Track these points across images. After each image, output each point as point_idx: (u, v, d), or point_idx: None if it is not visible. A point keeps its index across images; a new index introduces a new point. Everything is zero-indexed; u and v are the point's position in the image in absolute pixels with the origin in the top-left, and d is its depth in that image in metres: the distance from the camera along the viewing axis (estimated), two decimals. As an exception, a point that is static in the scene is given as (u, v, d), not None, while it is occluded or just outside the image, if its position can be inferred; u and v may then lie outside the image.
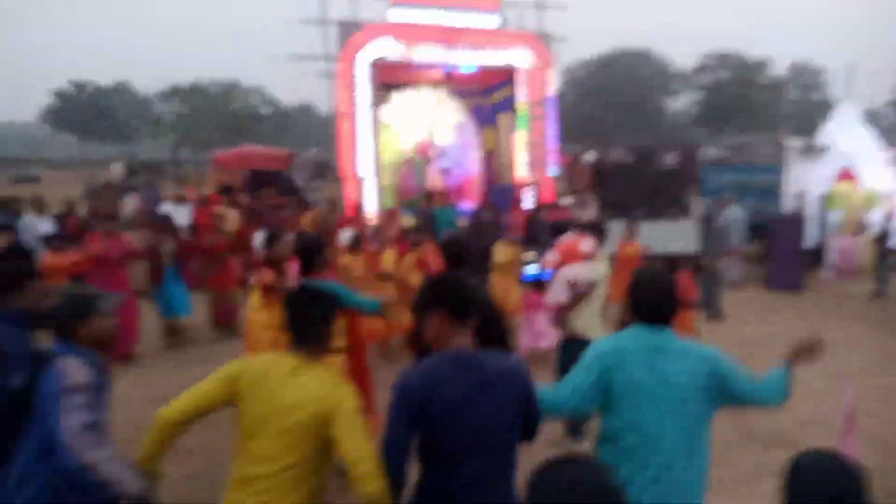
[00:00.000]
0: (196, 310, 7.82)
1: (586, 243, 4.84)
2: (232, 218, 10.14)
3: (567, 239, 5.33)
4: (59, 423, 2.09)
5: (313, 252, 3.74)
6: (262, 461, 2.14)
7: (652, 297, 2.32)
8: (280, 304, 2.41)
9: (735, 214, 10.62)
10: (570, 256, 4.98)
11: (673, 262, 11.34)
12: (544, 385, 2.31)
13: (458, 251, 3.64)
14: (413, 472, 2.06)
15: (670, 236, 11.00)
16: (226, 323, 7.73)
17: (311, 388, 2.17)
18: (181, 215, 10.11)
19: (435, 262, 7.01)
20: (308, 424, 2.13)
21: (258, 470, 2.14)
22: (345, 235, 6.96)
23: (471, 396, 1.99)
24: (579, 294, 4.49)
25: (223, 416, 2.44)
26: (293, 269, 3.73)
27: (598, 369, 2.28)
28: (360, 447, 2.07)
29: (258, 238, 5.20)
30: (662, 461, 2.18)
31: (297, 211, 10.85)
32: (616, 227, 8.85)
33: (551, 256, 5.37)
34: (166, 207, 11.14)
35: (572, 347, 3.99)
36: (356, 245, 6.83)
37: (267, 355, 2.36)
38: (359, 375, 4.03)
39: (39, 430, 2.17)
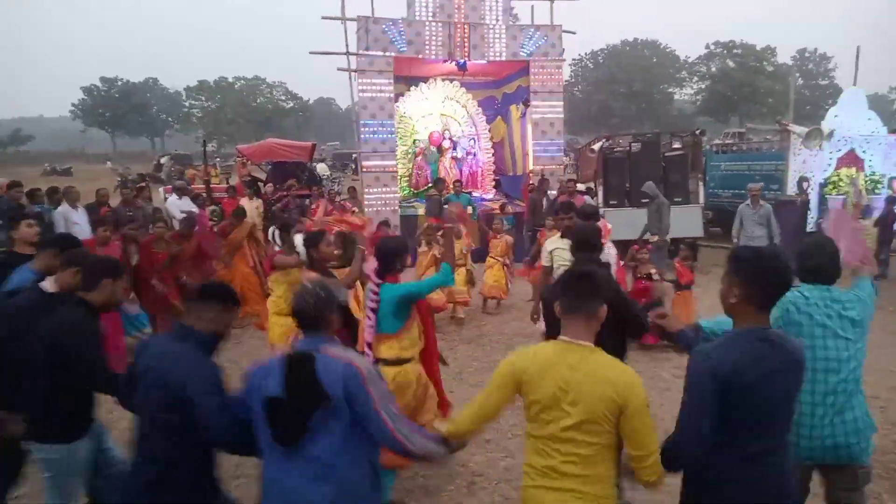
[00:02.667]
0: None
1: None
2: (254, 208, 10.73)
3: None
4: (373, 410, 2.21)
5: (395, 256, 3.79)
6: (559, 449, 2.17)
7: (825, 261, 2.93)
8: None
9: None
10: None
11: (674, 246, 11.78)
12: None
13: (588, 237, 3.79)
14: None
15: (677, 221, 11.39)
16: None
17: (603, 374, 2.15)
18: (183, 206, 10.32)
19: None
20: (604, 410, 2.11)
21: (559, 458, 2.17)
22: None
23: (774, 374, 2.07)
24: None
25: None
26: (372, 270, 3.81)
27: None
28: (649, 440, 2.12)
29: (271, 233, 5.53)
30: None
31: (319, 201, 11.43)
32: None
33: None
34: (171, 199, 11.29)
35: None
36: None
37: (539, 346, 2.38)
38: (427, 357, 4.04)
39: (354, 421, 2.23)
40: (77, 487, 3.01)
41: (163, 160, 20.30)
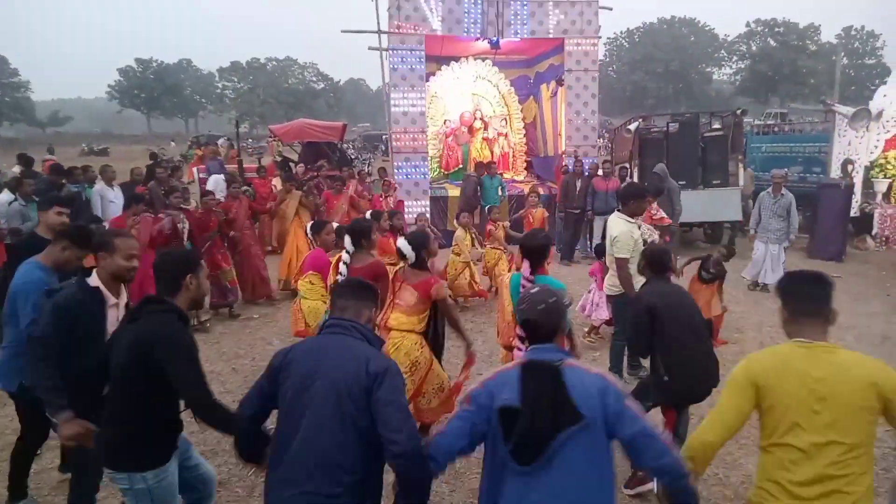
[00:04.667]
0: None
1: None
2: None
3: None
4: (643, 426, 2.10)
5: (543, 250, 3.85)
6: (814, 453, 2.06)
7: None
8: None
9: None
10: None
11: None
12: None
13: (662, 259, 3.90)
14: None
15: (715, 205, 11.08)
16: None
17: (855, 367, 2.12)
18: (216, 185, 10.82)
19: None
20: (861, 403, 2.06)
21: (814, 464, 2.06)
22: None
23: None
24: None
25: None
26: (526, 267, 3.82)
27: None
28: None
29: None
30: None
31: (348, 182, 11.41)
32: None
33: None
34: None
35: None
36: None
37: (775, 348, 2.31)
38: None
39: (606, 441, 2.08)
40: None
41: (220, 142, 20.97)
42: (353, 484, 2.14)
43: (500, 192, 11.30)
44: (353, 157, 21.31)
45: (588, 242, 10.73)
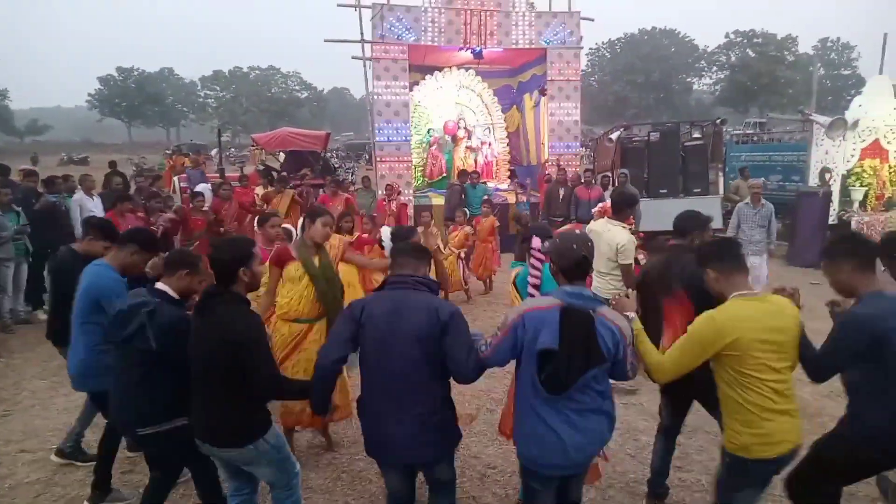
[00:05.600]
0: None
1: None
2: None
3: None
4: (628, 362, 2.64)
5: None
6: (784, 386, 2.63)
7: None
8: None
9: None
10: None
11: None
12: None
13: (688, 223, 3.99)
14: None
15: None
16: None
17: (787, 307, 2.72)
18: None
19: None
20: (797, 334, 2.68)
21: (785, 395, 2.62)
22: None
23: None
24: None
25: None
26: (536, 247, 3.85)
27: None
28: None
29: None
30: None
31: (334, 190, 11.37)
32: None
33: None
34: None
35: None
36: None
37: (742, 302, 2.67)
38: None
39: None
40: (288, 460, 2.96)
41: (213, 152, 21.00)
42: (434, 407, 2.68)
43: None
44: (336, 165, 21.23)
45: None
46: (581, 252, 2.57)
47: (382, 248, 4.19)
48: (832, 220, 11.32)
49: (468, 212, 10.96)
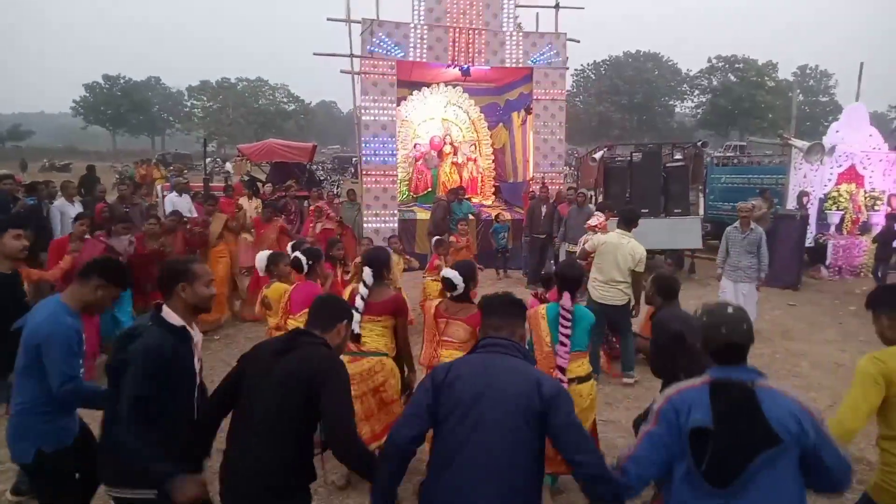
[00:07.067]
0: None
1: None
2: (253, 208, 10.69)
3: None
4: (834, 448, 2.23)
5: (581, 280, 4.30)
6: None
7: None
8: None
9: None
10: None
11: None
12: None
13: (673, 286, 4.06)
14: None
15: (677, 233, 11.36)
16: None
17: None
18: (182, 204, 10.30)
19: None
20: None
21: None
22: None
23: None
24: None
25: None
26: (567, 298, 3.94)
27: None
28: None
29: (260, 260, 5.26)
30: None
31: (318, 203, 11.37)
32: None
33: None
34: (170, 197, 10.95)
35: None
36: None
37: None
38: None
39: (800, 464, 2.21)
40: None
41: (228, 165, 20.53)
42: (520, 488, 2.12)
43: (470, 218, 11.40)
44: (321, 178, 21.24)
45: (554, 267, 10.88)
46: (732, 338, 2.13)
47: (454, 290, 3.92)
48: (809, 242, 11.53)
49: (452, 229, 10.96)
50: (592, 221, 7.25)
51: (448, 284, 3.93)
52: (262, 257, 5.15)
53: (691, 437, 2.00)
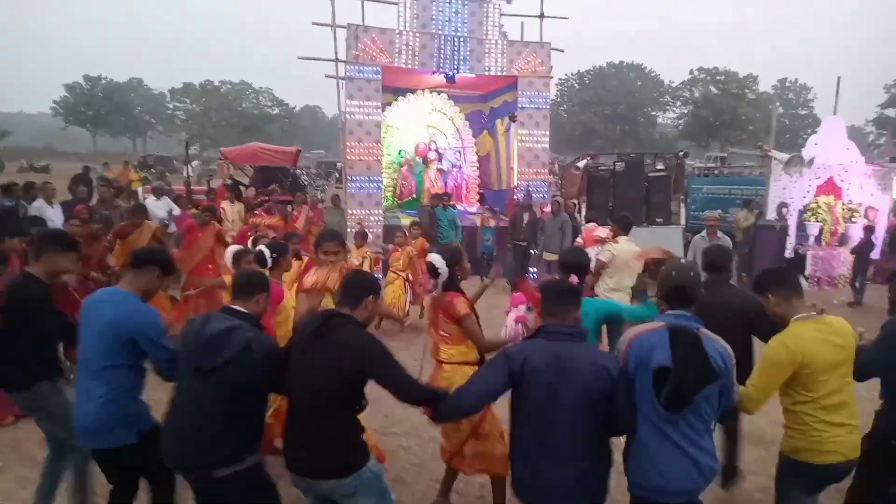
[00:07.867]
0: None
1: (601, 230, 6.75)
2: (236, 212, 10.61)
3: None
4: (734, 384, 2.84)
5: (586, 267, 4.27)
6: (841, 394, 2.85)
7: None
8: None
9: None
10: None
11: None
12: None
13: (716, 259, 4.17)
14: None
15: (657, 242, 11.43)
16: None
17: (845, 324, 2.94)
18: (161, 207, 10.64)
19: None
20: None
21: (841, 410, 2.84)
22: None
23: None
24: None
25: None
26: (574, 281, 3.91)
27: None
28: None
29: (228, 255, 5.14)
30: None
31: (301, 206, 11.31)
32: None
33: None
34: (150, 200, 10.94)
35: None
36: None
37: (805, 324, 2.89)
38: None
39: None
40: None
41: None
42: (596, 472, 2.61)
43: (454, 224, 11.43)
44: (305, 182, 21.13)
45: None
46: (678, 282, 2.67)
47: (438, 276, 3.73)
48: (788, 253, 11.68)
49: (439, 238, 10.96)
50: (601, 233, 7.24)
51: (431, 270, 3.74)
52: (229, 252, 5.10)
53: (655, 374, 2.46)
